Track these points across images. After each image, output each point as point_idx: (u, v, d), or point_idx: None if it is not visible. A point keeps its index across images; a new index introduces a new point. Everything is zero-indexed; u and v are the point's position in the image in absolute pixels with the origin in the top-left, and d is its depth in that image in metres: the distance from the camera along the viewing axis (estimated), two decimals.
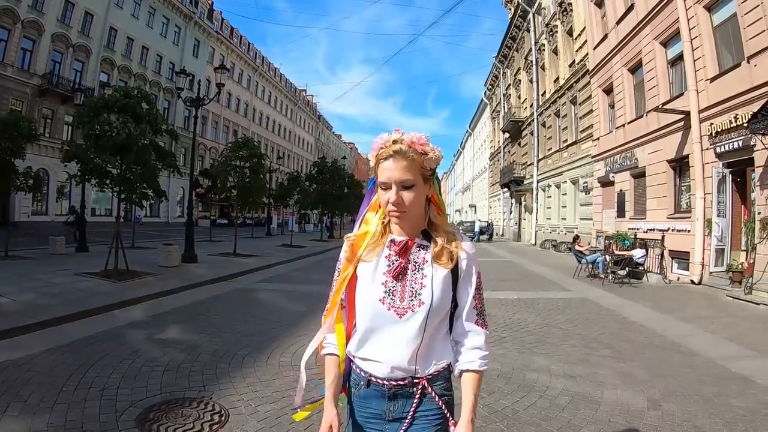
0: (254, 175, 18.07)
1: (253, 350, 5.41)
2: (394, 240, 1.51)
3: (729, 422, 3.70)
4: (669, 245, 13.62)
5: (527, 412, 3.83)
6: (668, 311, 8.55)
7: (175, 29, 43.25)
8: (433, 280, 1.45)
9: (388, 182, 1.41)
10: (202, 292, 9.49)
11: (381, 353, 1.46)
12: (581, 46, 21.97)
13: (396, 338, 1.44)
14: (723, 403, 4.09)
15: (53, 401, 3.73)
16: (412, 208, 1.42)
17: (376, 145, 1.45)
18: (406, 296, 1.44)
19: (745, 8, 10.72)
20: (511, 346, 5.91)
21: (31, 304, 7.13)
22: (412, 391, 1.46)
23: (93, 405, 3.69)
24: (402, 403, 1.47)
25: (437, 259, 1.47)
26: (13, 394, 3.83)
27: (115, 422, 3.42)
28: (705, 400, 4.17)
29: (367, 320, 1.47)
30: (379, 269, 1.49)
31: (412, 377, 1.45)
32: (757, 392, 4.40)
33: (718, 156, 11.82)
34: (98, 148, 9.75)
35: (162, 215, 41.07)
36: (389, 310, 1.44)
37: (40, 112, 28.61)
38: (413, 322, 1.42)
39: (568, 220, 24.77)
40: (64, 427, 3.31)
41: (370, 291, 1.47)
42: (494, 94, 46.19)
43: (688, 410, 3.92)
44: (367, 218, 1.60)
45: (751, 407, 4.01)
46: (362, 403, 1.52)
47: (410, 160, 1.40)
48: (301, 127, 78.13)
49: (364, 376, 1.49)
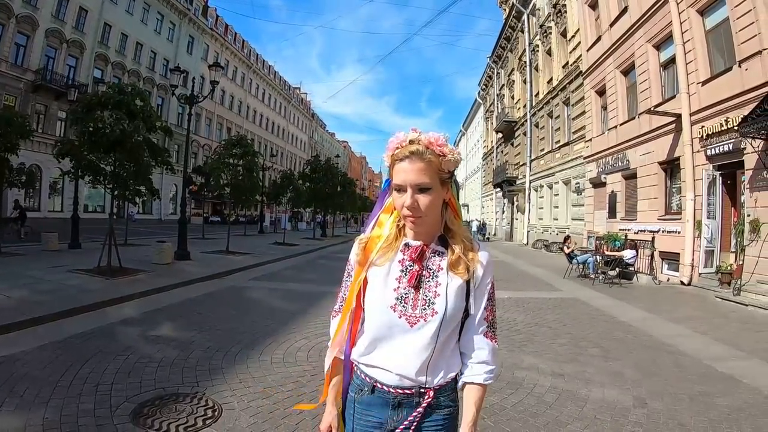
0: (248, 173, 18.09)
1: (245, 347, 5.46)
2: (408, 244, 1.45)
3: (713, 420, 3.78)
4: (660, 246, 13.75)
5: (515, 409, 3.91)
6: (657, 312, 8.65)
7: (170, 26, 43.11)
8: (447, 289, 1.40)
9: (404, 185, 1.34)
10: (195, 290, 9.50)
11: (389, 361, 1.40)
12: (575, 48, 22.11)
13: (406, 347, 1.38)
14: (708, 402, 4.17)
15: (48, 397, 3.76)
16: (428, 212, 1.36)
17: (392, 145, 1.39)
18: (419, 304, 1.39)
19: (737, 12, 10.83)
20: (500, 345, 5.93)
21: (24, 301, 7.13)
22: (418, 400, 1.41)
23: (88, 400, 3.73)
24: (406, 412, 1.41)
25: (453, 268, 1.42)
26: (8, 390, 3.85)
27: (110, 417, 3.46)
28: (691, 398, 4.25)
29: (377, 327, 1.42)
30: (392, 274, 1.43)
31: (419, 387, 1.40)
32: (743, 392, 4.48)
33: (708, 158, 11.94)
34: (92, 145, 9.74)
35: (155, 212, 40.97)
36: (400, 318, 1.38)
37: (33, 108, 28.44)
38: (425, 332, 1.37)
39: (560, 220, 24.90)
40: (59, 421, 3.35)
41: (381, 297, 1.41)
42: (488, 95, 46.37)
43: (673, 408, 4.00)
44: (381, 220, 1.54)
45: (736, 406, 4.09)
46: (364, 410, 1.45)
47: (427, 162, 1.34)
48: (294, 125, 78.01)
49: (369, 382, 1.44)
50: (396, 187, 1.37)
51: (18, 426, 3.24)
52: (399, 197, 1.36)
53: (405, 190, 1.34)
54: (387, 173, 1.47)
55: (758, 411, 4.01)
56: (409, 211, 1.34)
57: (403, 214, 1.37)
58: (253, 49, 61.84)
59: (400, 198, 1.35)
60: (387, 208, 1.54)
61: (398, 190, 1.36)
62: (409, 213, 1.35)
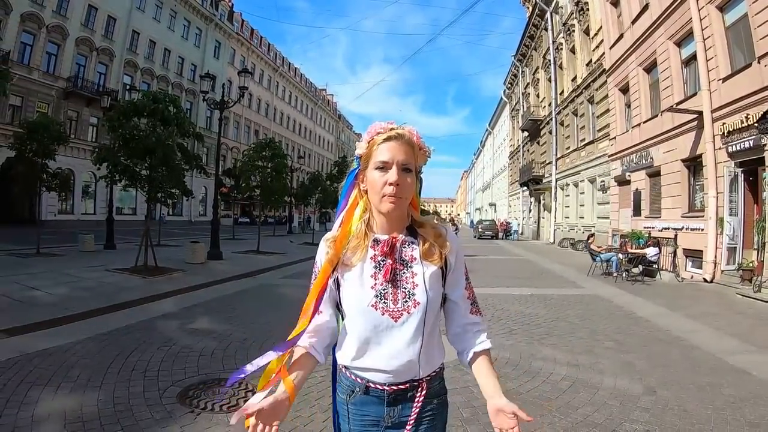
0: (277, 174, 18.59)
1: (279, 339, 5.68)
2: (377, 239, 1.42)
3: (718, 408, 3.97)
4: (683, 244, 13.75)
5: (530, 394, 4.19)
6: (676, 308, 8.75)
7: (197, 31, 43.93)
8: (425, 279, 1.39)
9: (390, 162, 1.34)
10: (228, 288, 9.93)
11: (380, 361, 1.38)
12: (598, 45, 22.08)
13: (394, 343, 1.37)
14: (715, 392, 4.35)
15: (100, 381, 4.15)
16: (407, 195, 1.37)
17: (373, 130, 1.39)
18: (399, 298, 1.37)
19: (755, 8, 10.83)
20: (520, 337, 6.24)
21: (67, 297, 7.60)
22: (412, 394, 1.41)
23: (137, 384, 4.12)
24: (401, 407, 1.41)
25: (427, 257, 1.41)
26: (63, 375, 4.26)
27: (158, 398, 3.84)
28: (699, 388, 4.44)
29: (361, 328, 1.38)
30: (366, 272, 1.40)
31: (412, 380, 1.40)
32: (750, 383, 4.63)
33: (730, 155, 11.93)
34: (128, 151, 10.23)
35: (185, 214, 41.85)
36: (383, 315, 1.36)
37: (65, 114, 29.28)
38: (410, 324, 1.36)
39: (586, 218, 24.88)
40: (113, 402, 3.73)
41: (360, 297, 1.38)
42: (513, 93, 46.24)
43: (680, 397, 4.20)
44: (347, 217, 1.49)
45: (741, 396, 4.26)
46: (358, 410, 1.44)
47: (410, 146, 1.37)
48: (321, 127, 78.53)
49: (362, 383, 1.41)
50: (380, 164, 1.35)
51: (74, 406, 3.61)
52: (382, 176, 1.34)
53: (390, 167, 1.34)
54: (357, 163, 1.47)
55: (763, 401, 4.16)
56: (394, 188, 1.33)
57: (386, 192, 1.34)
58: (279, 52, 62.49)
59: (384, 176, 1.34)
60: (352, 205, 1.51)
61: (382, 169, 1.35)
62: (393, 191, 1.33)
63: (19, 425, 3.25)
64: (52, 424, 3.31)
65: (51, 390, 3.92)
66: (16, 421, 3.30)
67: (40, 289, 8.12)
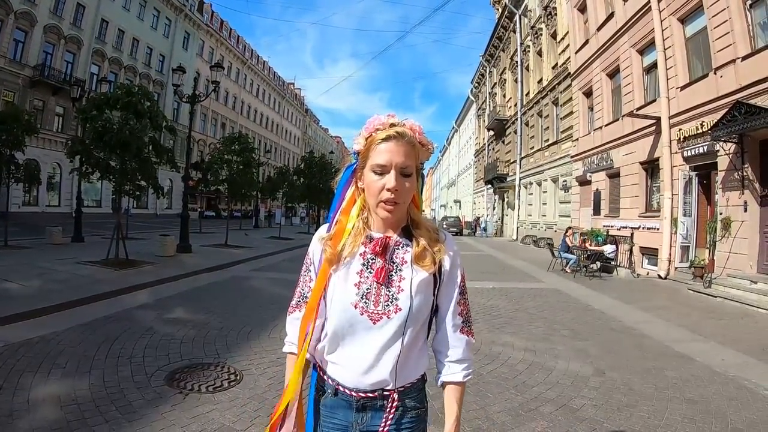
0: (245, 168, 18.66)
1: (255, 327, 6.10)
2: (371, 237, 1.36)
3: (660, 388, 4.42)
4: (640, 242, 14.48)
5: (490, 375, 4.56)
6: (631, 301, 9.32)
7: (166, 21, 43.28)
8: (412, 284, 1.31)
9: (388, 165, 1.26)
10: (200, 280, 10.08)
11: (351, 360, 1.32)
12: (564, 50, 22.75)
13: (368, 346, 1.30)
14: (659, 374, 4.82)
15: (89, 368, 4.34)
16: (406, 199, 1.30)
17: (371, 125, 1.31)
18: (381, 300, 1.30)
19: (714, 22, 11.43)
20: (482, 327, 6.62)
21: (42, 289, 7.61)
22: (383, 404, 1.33)
23: (125, 370, 4.34)
24: (371, 415, 1.34)
25: (419, 261, 1.33)
26: (51, 363, 4.42)
27: (147, 382, 4.07)
28: (645, 371, 4.91)
29: (338, 325, 1.32)
30: (353, 268, 1.34)
31: (382, 390, 1.32)
32: (693, 367, 5.12)
33: (685, 159, 12.64)
34: (102, 144, 10.24)
35: (150, 207, 41.25)
36: (362, 315, 1.29)
37: (31, 104, 28.55)
38: (387, 330, 1.28)
39: (548, 216, 25.61)
40: (104, 386, 3.93)
41: (342, 293, 1.32)
42: (480, 92, 46.88)
43: (627, 378, 4.65)
44: (344, 213, 1.42)
45: (683, 377, 4.74)
46: (329, 413, 1.38)
47: (411, 146, 1.29)
48: (288, 121, 78.21)
49: (332, 385, 1.36)
50: (377, 167, 1.27)
51: (67, 391, 3.79)
52: (378, 180, 1.27)
53: (388, 171, 1.26)
54: (354, 158, 1.40)
55: (704, 381, 4.64)
56: (392, 194, 1.26)
57: (383, 198, 1.27)
58: (248, 45, 61.93)
59: (380, 180, 1.27)
60: (349, 201, 1.44)
61: (378, 172, 1.27)
62: (392, 196, 1.26)
63: (16, 409, 3.41)
64: (49, 407, 3.48)
65: (42, 376, 4.08)
66: (13, 406, 3.46)
67: (13, 281, 8.11)
